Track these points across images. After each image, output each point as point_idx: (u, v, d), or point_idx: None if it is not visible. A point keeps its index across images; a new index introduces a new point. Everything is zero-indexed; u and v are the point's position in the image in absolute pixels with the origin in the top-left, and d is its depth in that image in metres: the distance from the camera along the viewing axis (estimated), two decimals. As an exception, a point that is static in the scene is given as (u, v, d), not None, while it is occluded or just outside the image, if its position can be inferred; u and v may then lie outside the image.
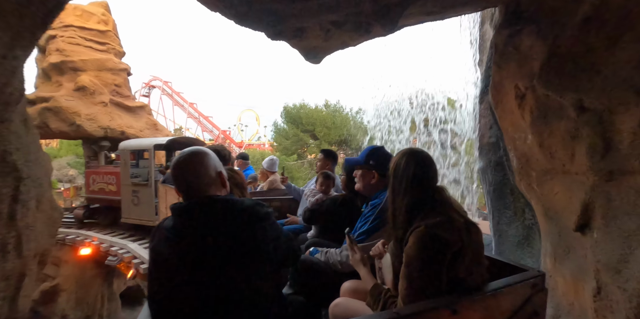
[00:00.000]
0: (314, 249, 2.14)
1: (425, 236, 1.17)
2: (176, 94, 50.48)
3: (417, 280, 1.17)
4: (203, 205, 1.15)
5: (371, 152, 1.99)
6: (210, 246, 1.09)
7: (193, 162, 1.22)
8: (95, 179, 9.21)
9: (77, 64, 9.89)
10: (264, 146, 45.48)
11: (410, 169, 1.30)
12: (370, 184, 1.96)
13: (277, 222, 1.29)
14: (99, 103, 9.64)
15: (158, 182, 7.18)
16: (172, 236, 1.12)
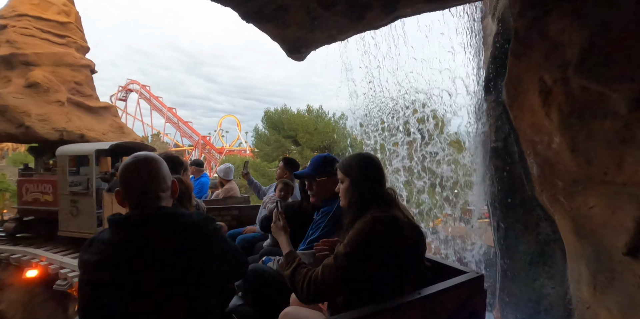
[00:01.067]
0: (267, 258, 2.14)
1: (369, 224, 1.28)
2: (154, 99, 50.71)
3: (343, 257, 1.25)
4: (145, 217, 1.09)
5: (326, 161, 2.03)
6: (150, 263, 1.03)
7: (145, 169, 1.16)
8: (29, 188, 8.41)
9: (30, 58, 8.99)
10: (245, 151, 45.59)
11: (367, 170, 1.46)
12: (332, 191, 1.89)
13: (225, 237, 1.26)
14: (54, 102, 8.74)
15: (102, 190, 6.77)
16: (109, 251, 1.04)
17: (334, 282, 1.26)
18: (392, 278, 1.31)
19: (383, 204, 1.40)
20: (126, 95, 52.19)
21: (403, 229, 1.32)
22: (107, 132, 10.26)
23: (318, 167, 2.03)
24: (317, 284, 1.28)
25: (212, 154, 49.66)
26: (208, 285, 1.13)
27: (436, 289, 1.33)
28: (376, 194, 1.43)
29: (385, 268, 1.28)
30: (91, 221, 7.39)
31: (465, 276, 1.46)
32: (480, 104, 4.49)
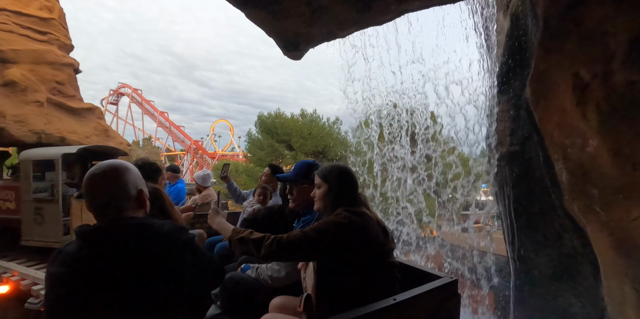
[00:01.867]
0: (246, 265, 2.16)
1: (341, 214, 1.46)
2: (146, 103, 50.44)
3: (312, 230, 1.42)
4: (113, 229, 1.06)
5: (310, 168, 2.06)
6: (120, 275, 1.00)
7: (110, 176, 1.12)
8: None
9: (7, 55, 8.55)
10: (238, 156, 45.38)
11: (345, 178, 1.63)
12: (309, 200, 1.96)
13: (199, 246, 1.25)
14: (33, 102, 8.28)
15: (71, 197, 6.50)
16: (75, 263, 1.01)
17: (297, 243, 1.39)
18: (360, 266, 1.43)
19: (354, 205, 1.56)
20: (117, 99, 51.97)
21: (370, 221, 1.48)
22: (90, 135, 9.83)
23: (301, 173, 2.06)
24: (282, 243, 1.40)
25: (205, 158, 49.50)
26: (183, 296, 1.10)
27: (411, 295, 1.37)
28: (349, 199, 1.59)
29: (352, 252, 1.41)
30: (57, 230, 6.97)
31: (439, 281, 1.51)
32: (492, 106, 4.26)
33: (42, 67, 8.96)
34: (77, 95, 10.09)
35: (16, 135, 7.90)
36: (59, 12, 10.01)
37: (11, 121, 7.81)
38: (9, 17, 8.84)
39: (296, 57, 4.53)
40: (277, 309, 1.77)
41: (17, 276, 6.50)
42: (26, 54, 8.75)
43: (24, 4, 9.22)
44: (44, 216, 7.14)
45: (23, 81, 8.23)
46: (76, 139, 9.26)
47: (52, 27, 9.66)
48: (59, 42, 9.73)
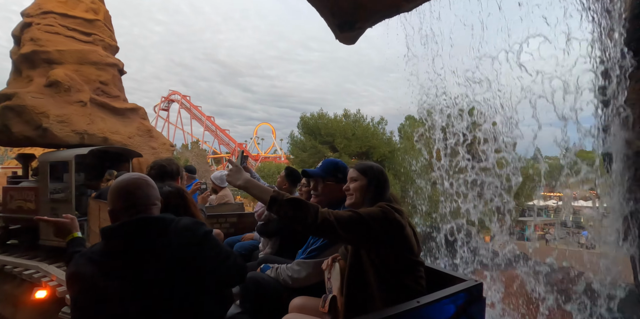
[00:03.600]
0: (265, 266, 2.14)
1: (384, 207, 1.46)
2: (194, 108, 52.98)
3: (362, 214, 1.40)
4: (136, 225, 1.14)
5: (337, 166, 2.07)
6: (144, 269, 1.07)
7: (138, 184, 1.26)
8: (14, 195, 8.11)
9: (53, 56, 8.53)
10: (280, 158, 45.89)
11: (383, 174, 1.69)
12: (338, 198, 1.97)
13: (217, 240, 1.29)
14: (76, 102, 8.13)
15: (89, 198, 6.49)
16: (103, 259, 1.09)
17: (349, 221, 1.36)
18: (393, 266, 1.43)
19: (392, 201, 1.59)
20: (168, 105, 55.01)
21: (406, 219, 1.50)
22: (133, 136, 9.63)
23: (329, 170, 2.05)
24: (337, 216, 1.36)
25: (249, 161, 50.51)
26: (203, 287, 1.14)
27: (435, 298, 1.35)
28: (385, 194, 1.63)
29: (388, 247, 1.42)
30: None
31: (464, 284, 1.47)
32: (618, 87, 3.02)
33: (86, 67, 8.89)
34: (121, 95, 9.99)
35: (59, 135, 7.79)
36: (105, 13, 10.00)
37: (54, 121, 7.70)
38: (56, 19, 8.89)
39: (350, 40, 3.83)
40: (298, 310, 1.74)
41: (55, 281, 6.23)
42: (71, 55, 8.72)
43: (70, 6, 9.26)
44: (59, 216, 6.92)
45: (66, 81, 8.15)
46: (119, 140, 9.08)
47: (97, 28, 9.63)
48: (103, 42, 9.68)
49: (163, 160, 2.70)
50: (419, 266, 1.48)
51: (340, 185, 1.85)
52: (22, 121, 7.62)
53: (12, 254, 7.76)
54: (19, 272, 6.97)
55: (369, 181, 1.62)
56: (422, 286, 1.47)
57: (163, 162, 2.63)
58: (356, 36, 3.77)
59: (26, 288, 6.92)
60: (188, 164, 30.27)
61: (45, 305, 6.42)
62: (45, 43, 8.47)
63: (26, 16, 8.85)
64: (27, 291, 6.76)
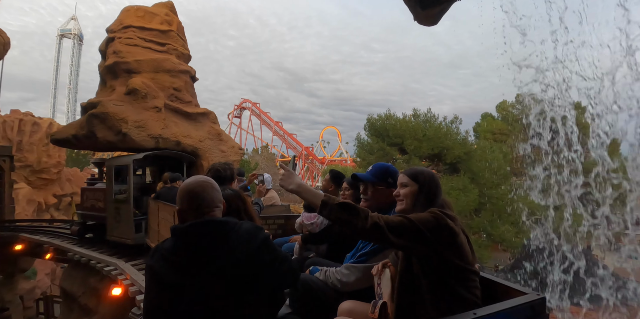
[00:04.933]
0: (314, 268, 2.15)
1: (436, 213, 1.41)
2: (264, 114, 55.52)
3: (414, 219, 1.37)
4: (202, 227, 1.22)
5: (387, 170, 2.05)
6: (205, 267, 1.15)
7: (204, 186, 1.34)
8: (89, 195, 9.14)
9: (131, 66, 9.13)
10: (346, 161, 45.57)
11: (434, 180, 1.62)
12: (388, 203, 1.96)
13: (275, 245, 1.35)
14: (152, 108, 8.55)
15: (149, 198, 7.03)
16: (170, 255, 1.19)
17: (400, 226, 1.34)
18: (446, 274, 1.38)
19: (445, 207, 1.53)
20: (240, 112, 58.25)
21: (460, 227, 1.45)
22: (204, 139, 9.87)
23: (379, 174, 2.04)
24: (388, 221, 1.34)
25: (315, 164, 51.22)
26: (259, 289, 1.21)
27: (493, 310, 1.28)
28: (437, 200, 1.56)
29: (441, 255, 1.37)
30: (129, 228, 7.66)
31: (525, 298, 1.38)
32: None
33: (161, 75, 9.34)
34: (193, 100, 10.33)
35: (136, 139, 8.20)
36: (177, 25, 10.50)
37: (132, 126, 8.13)
38: (135, 32, 9.52)
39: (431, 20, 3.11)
40: (347, 314, 1.73)
41: (129, 280, 6.36)
42: (147, 64, 9.23)
43: (147, 20, 9.88)
44: (121, 215, 7.85)
45: (143, 88, 8.59)
46: (190, 143, 9.33)
47: (171, 39, 10.12)
48: (176, 51, 10.13)
49: (219, 164, 2.83)
50: (473, 276, 1.43)
51: (390, 190, 1.84)
52: (105, 127, 8.18)
53: (89, 248, 8.69)
54: (100, 268, 7.38)
55: (420, 186, 1.58)
56: (477, 296, 1.41)
57: (219, 166, 2.77)
58: (439, 14, 3.07)
59: (107, 283, 7.28)
60: (258, 167, 31.34)
61: (120, 302, 6.65)
62: (126, 54, 9.08)
63: (110, 32, 9.65)
64: (107, 287, 7.10)
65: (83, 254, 8.14)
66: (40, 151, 21.78)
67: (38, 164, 21.82)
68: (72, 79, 71.02)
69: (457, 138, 17.79)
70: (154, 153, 8.15)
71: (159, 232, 6.42)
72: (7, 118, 22.01)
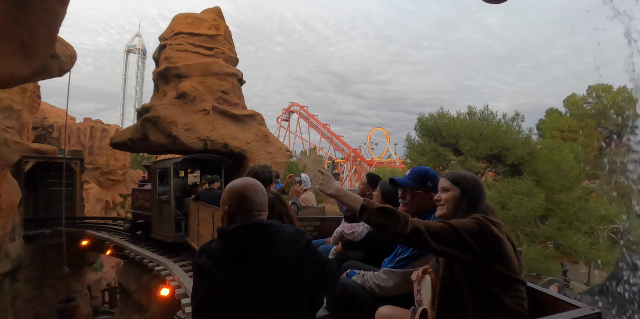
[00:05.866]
0: (351, 271, 2.15)
1: (479, 219, 1.36)
2: (311, 117, 56.02)
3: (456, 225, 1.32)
4: (249, 229, 1.26)
5: (426, 174, 2.01)
6: (249, 267, 1.20)
7: (257, 190, 1.36)
8: (138, 196, 9.92)
9: (181, 70, 9.45)
10: (395, 163, 44.39)
11: (478, 183, 1.57)
12: (428, 207, 1.94)
13: (316, 249, 1.37)
14: (200, 111, 8.76)
15: (189, 199, 7.41)
16: (217, 255, 1.24)
17: (442, 232, 1.30)
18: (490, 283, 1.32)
19: (489, 213, 1.48)
20: (289, 116, 59.30)
21: (505, 233, 1.38)
22: (251, 141, 9.91)
23: (418, 178, 2.00)
24: (429, 226, 1.31)
25: (363, 166, 50.49)
26: (300, 291, 1.24)
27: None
28: (481, 206, 1.51)
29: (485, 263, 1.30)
30: (170, 227, 8.02)
31: (577, 312, 1.28)
32: None
33: (209, 78, 9.54)
34: (240, 103, 10.44)
35: (186, 142, 8.41)
36: (225, 29, 10.73)
37: (182, 129, 8.35)
38: (184, 38, 9.86)
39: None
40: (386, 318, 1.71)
41: (176, 282, 6.42)
42: (196, 68, 9.48)
43: (196, 26, 10.20)
44: (163, 214, 8.25)
45: (192, 92, 8.81)
46: (237, 145, 9.40)
47: (218, 43, 10.34)
48: (224, 55, 10.32)
49: (258, 167, 2.86)
50: (519, 285, 1.35)
51: (429, 194, 1.87)
52: (157, 130, 8.50)
53: (143, 246, 9.22)
54: (152, 267, 7.62)
55: (462, 191, 1.52)
56: (524, 308, 1.33)
57: (258, 169, 2.82)
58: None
59: (157, 282, 7.49)
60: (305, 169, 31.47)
61: (169, 303, 6.76)
62: (176, 60, 9.41)
63: (162, 39, 10.11)
64: (157, 286, 7.28)
65: (137, 252, 8.51)
66: (108, 155, 23.86)
67: (106, 167, 24.04)
68: (137, 90, 77.45)
69: (518, 137, 16.27)
70: (193, 157, 8.52)
71: (198, 232, 6.68)
72: (80, 125, 24.53)
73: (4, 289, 9.64)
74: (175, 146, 8.57)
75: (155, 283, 7.52)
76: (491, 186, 16.32)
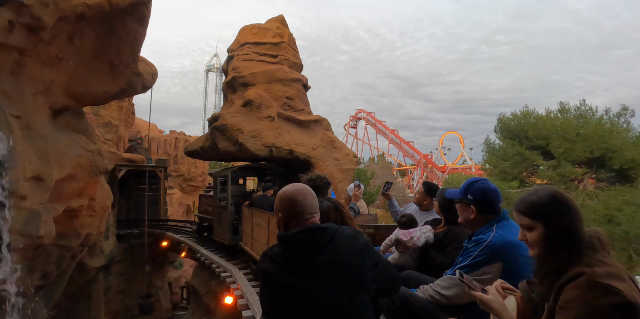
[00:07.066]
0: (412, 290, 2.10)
1: (595, 289, 0.99)
2: (379, 123, 55.34)
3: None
4: (308, 233, 1.29)
5: (469, 186, 1.93)
6: (315, 270, 1.24)
7: (307, 194, 1.40)
8: (204, 201, 10.94)
9: (247, 79, 9.70)
10: (471, 169, 41.22)
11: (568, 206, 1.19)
12: (470, 219, 1.91)
13: (375, 249, 1.41)
14: (265, 118, 8.84)
15: (243, 205, 7.85)
16: (279, 259, 1.30)
17: None
18: None
19: (591, 252, 1.11)
20: (356, 123, 59.19)
21: None
22: (317, 147, 9.72)
23: (462, 190, 1.95)
24: None
25: (435, 172, 47.92)
26: (364, 293, 1.26)
27: None
28: (580, 238, 1.15)
29: None
30: (228, 230, 8.57)
31: None
32: None
33: (274, 84, 9.65)
34: (305, 108, 10.37)
35: (252, 149, 8.51)
36: (289, 36, 10.87)
37: (248, 136, 8.48)
38: (250, 48, 10.20)
39: None
40: None
41: (239, 291, 6.35)
42: (261, 75, 9.67)
43: (260, 35, 10.51)
44: (222, 219, 8.85)
45: (257, 99, 8.96)
46: (303, 151, 9.27)
47: (282, 50, 10.47)
48: (288, 61, 10.41)
49: (313, 174, 2.86)
50: None
51: (470, 208, 1.85)
52: (225, 138, 8.77)
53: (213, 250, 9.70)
54: (219, 272, 7.71)
55: (546, 226, 1.18)
56: None
57: (313, 176, 2.83)
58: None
59: (224, 288, 7.55)
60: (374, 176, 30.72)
61: (232, 311, 6.69)
62: (242, 69, 9.72)
63: (230, 51, 10.62)
64: (223, 292, 7.33)
65: (207, 256, 8.79)
66: (190, 163, 26.24)
67: (188, 174, 26.56)
68: (215, 104, 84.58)
69: (627, 136, 13.76)
70: (249, 165, 9.63)
71: (252, 237, 6.93)
72: (167, 137, 27.80)
73: (99, 281, 10.82)
74: (241, 153, 8.75)
75: (222, 289, 7.61)
76: (593, 196, 13.97)
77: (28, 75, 4.54)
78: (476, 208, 1.86)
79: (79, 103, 5.86)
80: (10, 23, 3.80)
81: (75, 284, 9.41)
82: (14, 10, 3.76)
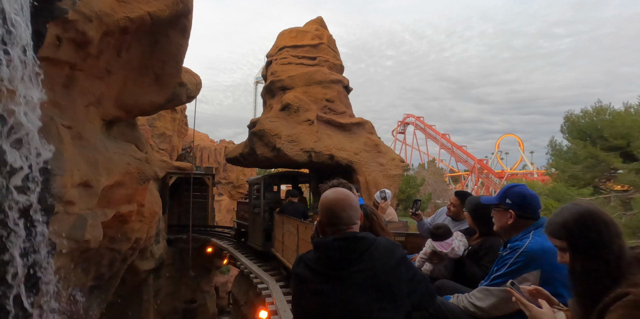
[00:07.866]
0: (446, 296, 2.07)
1: None
2: (428, 128, 53.37)
3: None
4: (343, 241, 1.28)
5: (507, 191, 1.88)
6: (349, 279, 1.22)
7: (346, 204, 1.36)
8: (241, 208, 11.32)
9: (285, 82, 9.49)
10: (532, 174, 37.69)
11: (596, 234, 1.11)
12: (508, 225, 1.84)
13: (412, 263, 1.43)
14: (304, 122, 8.50)
15: (275, 212, 7.93)
16: (314, 265, 1.29)
17: None
18: None
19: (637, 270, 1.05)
20: (404, 128, 57.54)
21: None
22: (359, 152, 9.18)
23: (500, 195, 1.91)
24: None
25: (491, 178, 44.60)
26: (398, 306, 1.23)
27: None
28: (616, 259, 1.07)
29: None
30: (260, 236, 8.71)
31: None
32: None
33: (313, 87, 9.33)
34: (347, 111, 9.91)
35: (289, 154, 8.20)
36: (328, 37, 10.55)
37: (285, 141, 8.19)
38: (288, 51, 10.03)
39: None
40: None
41: (274, 306, 6.00)
42: (299, 78, 9.40)
43: (299, 38, 10.31)
44: (256, 225, 8.99)
45: (295, 102, 8.68)
46: (344, 156, 8.78)
47: (321, 51, 10.16)
48: (328, 63, 10.06)
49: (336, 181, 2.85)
50: None
51: (508, 212, 1.79)
52: (263, 143, 8.57)
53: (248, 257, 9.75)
54: (256, 283, 7.42)
55: (572, 248, 1.13)
56: None
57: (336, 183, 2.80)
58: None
59: (260, 300, 7.22)
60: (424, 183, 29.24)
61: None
62: (280, 73, 9.56)
63: (269, 56, 10.56)
64: (259, 304, 7.03)
65: (246, 265, 8.57)
66: (238, 171, 27.09)
67: (237, 181, 27.44)
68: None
69: None
70: (280, 172, 10.11)
71: (283, 243, 6.86)
72: (217, 146, 29.13)
73: (149, 283, 11.19)
74: (279, 158, 8.48)
75: (258, 301, 7.31)
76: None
77: (80, 88, 4.72)
78: (515, 213, 1.79)
79: (128, 114, 6.08)
80: (58, 38, 3.89)
81: (127, 286, 9.83)
82: (60, 26, 3.84)
